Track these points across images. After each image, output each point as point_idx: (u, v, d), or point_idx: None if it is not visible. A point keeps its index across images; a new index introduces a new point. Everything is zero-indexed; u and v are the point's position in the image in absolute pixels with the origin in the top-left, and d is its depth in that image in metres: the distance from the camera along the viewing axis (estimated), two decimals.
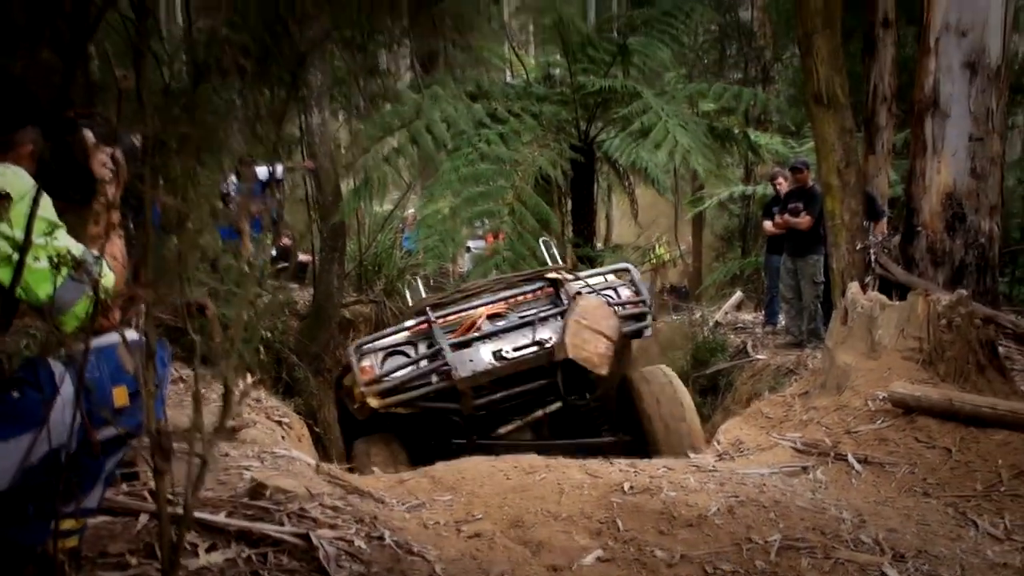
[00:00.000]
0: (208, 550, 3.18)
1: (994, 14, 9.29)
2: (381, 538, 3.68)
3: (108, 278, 2.44)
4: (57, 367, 2.53)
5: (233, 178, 10.59)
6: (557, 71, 13.79)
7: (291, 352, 11.52)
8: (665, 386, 8.15)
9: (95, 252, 2.44)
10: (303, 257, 15.80)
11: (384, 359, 7.85)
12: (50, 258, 2.28)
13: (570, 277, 8.53)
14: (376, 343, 8.04)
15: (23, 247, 2.00)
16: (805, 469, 5.64)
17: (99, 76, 2.72)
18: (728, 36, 20.94)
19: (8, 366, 2.53)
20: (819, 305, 10.72)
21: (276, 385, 10.75)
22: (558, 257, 9.14)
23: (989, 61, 9.33)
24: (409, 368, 7.67)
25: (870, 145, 11.74)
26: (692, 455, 6.48)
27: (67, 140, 2.70)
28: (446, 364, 7.49)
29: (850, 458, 5.70)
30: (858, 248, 9.75)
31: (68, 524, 2.67)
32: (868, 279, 9.63)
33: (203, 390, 6.12)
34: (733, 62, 21.10)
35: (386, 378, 7.56)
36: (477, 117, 11.47)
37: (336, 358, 12.22)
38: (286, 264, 15.81)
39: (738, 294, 15.77)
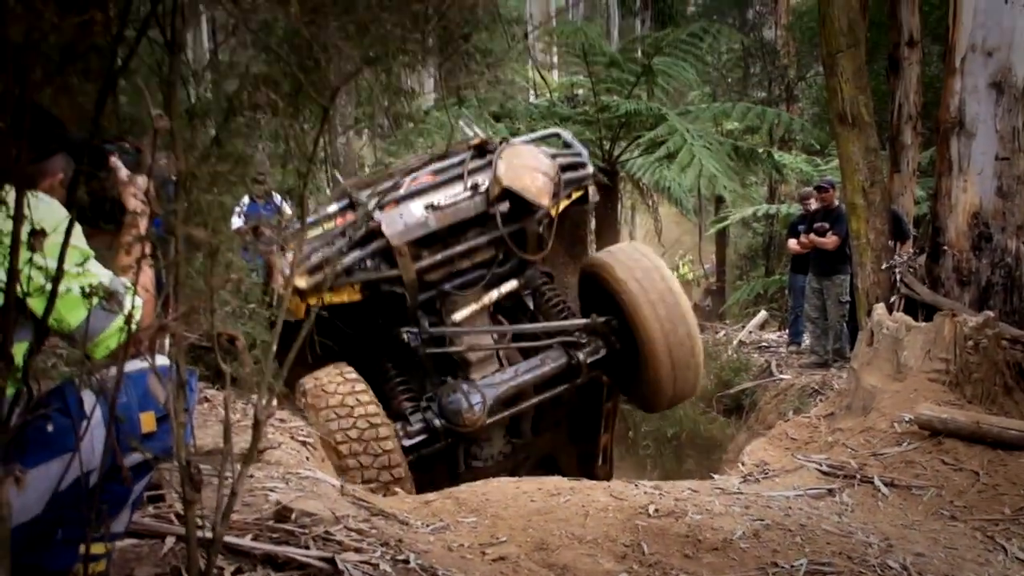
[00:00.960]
0: (234, 574, 3.19)
1: (1020, 34, 9.26)
2: (406, 561, 3.67)
3: (139, 308, 2.47)
4: (87, 394, 2.55)
5: (245, 200, 10.65)
6: (581, 91, 13.81)
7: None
8: (637, 257, 7.56)
9: (126, 282, 2.46)
10: None
11: (310, 252, 6.96)
12: (82, 288, 2.30)
13: (496, 142, 7.95)
14: None
15: (56, 277, 2.02)
16: (831, 492, 5.61)
17: (130, 105, 2.75)
18: (752, 55, 20.94)
19: (38, 389, 2.55)
20: (844, 325, 10.70)
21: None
22: (480, 132, 8.69)
23: (1016, 81, 9.28)
24: (336, 242, 7.01)
25: (895, 164, 11.71)
26: (716, 476, 6.44)
27: (98, 170, 2.72)
28: (376, 224, 6.89)
29: (876, 481, 5.67)
30: (883, 268, 9.71)
31: (96, 549, 2.69)
32: (894, 299, 9.59)
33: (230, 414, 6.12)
34: (757, 81, 21.10)
35: (313, 255, 6.83)
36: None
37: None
38: None
39: (762, 313, 15.73)
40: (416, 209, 7.06)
